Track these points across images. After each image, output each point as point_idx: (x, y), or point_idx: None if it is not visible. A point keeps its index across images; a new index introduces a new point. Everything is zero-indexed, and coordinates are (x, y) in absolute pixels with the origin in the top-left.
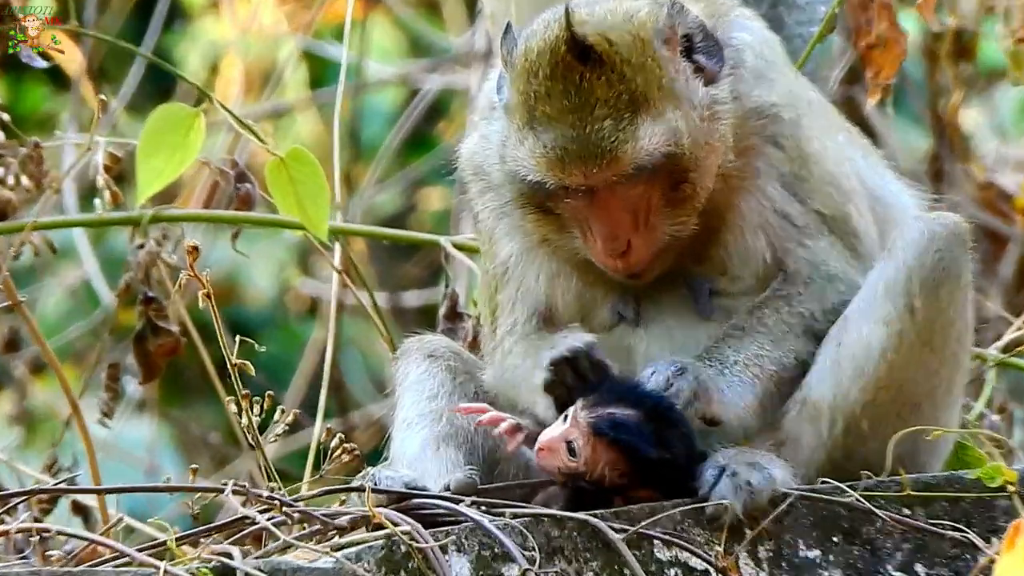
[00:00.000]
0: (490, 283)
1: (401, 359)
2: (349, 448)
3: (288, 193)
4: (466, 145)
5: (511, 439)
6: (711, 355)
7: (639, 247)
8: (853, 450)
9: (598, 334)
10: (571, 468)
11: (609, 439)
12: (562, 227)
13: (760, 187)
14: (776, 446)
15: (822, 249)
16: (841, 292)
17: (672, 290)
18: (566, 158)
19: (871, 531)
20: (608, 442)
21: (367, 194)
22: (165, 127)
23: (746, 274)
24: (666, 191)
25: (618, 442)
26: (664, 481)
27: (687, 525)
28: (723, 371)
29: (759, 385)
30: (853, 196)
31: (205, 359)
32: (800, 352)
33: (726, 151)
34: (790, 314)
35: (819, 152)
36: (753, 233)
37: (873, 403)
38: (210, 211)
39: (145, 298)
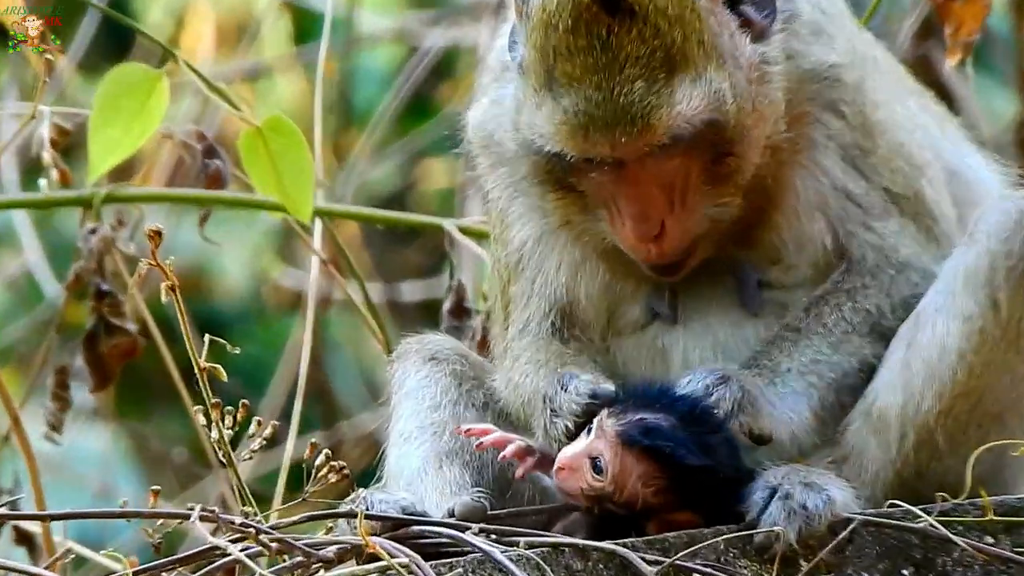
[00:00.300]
0: (502, 273)
1: (398, 362)
2: (337, 466)
3: (265, 169)
4: (474, 112)
5: (520, 463)
6: (760, 361)
7: (674, 231)
8: (926, 468)
9: (628, 335)
10: (597, 488)
11: (641, 447)
12: (586, 207)
13: (817, 161)
14: (836, 463)
15: (891, 232)
16: (913, 283)
17: (715, 281)
18: (590, 126)
19: (948, 562)
20: (640, 451)
21: (359, 169)
22: (122, 92)
23: (802, 263)
24: (707, 165)
25: (652, 450)
26: (706, 500)
27: (732, 556)
28: (774, 380)
29: (816, 395)
30: (927, 171)
31: (168, 362)
32: (865, 355)
33: (777, 119)
34: (853, 311)
35: (886, 120)
36: (809, 215)
37: (950, 413)
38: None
39: (98, 291)
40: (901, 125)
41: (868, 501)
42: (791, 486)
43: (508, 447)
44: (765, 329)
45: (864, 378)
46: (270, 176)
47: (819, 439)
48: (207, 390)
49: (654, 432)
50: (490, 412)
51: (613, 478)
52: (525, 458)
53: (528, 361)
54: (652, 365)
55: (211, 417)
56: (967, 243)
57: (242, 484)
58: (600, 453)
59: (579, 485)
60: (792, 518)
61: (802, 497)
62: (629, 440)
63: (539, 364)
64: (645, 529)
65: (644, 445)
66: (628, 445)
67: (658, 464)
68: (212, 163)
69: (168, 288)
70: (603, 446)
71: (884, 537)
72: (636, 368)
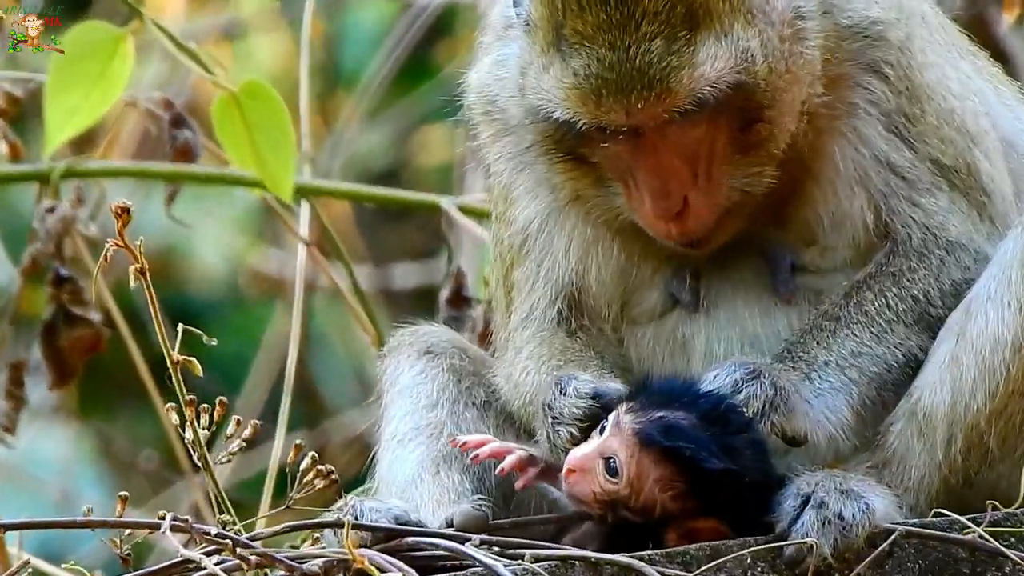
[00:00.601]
0: (504, 256)
1: (390, 356)
2: (324, 471)
3: (242, 139)
4: (474, 75)
5: (521, 475)
6: (794, 353)
7: (699, 207)
8: (976, 474)
9: (644, 324)
10: (611, 492)
11: (661, 448)
12: (599, 181)
13: (857, 129)
14: (876, 468)
15: (940, 208)
16: (964, 266)
17: (743, 264)
18: (603, 90)
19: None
20: (659, 453)
21: (347, 140)
22: (81, 53)
23: (840, 243)
24: (734, 133)
25: (672, 451)
26: (731, 507)
27: (760, 570)
28: (810, 375)
29: (857, 392)
30: (980, 140)
31: (136, 356)
32: (911, 347)
33: (813, 81)
34: (899, 297)
35: (935, 84)
36: (849, 189)
37: (1003, 414)
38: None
39: (57, 277)
40: (952, 90)
41: (911, 510)
42: (826, 493)
43: (507, 458)
44: (799, 318)
45: (910, 373)
46: (247, 148)
47: (859, 441)
48: (180, 386)
49: (675, 432)
50: (492, 411)
51: (629, 481)
52: (527, 468)
53: (529, 356)
54: (671, 359)
55: (185, 416)
56: (1023, 223)
57: (219, 490)
58: (615, 452)
59: (591, 489)
60: (827, 529)
61: (838, 506)
62: (647, 439)
63: (541, 360)
64: (663, 540)
65: (663, 446)
66: (646, 445)
67: (678, 467)
68: (181, 134)
69: (137, 272)
70: (618, 445)
71: (928, 550)
72: (653, 362)
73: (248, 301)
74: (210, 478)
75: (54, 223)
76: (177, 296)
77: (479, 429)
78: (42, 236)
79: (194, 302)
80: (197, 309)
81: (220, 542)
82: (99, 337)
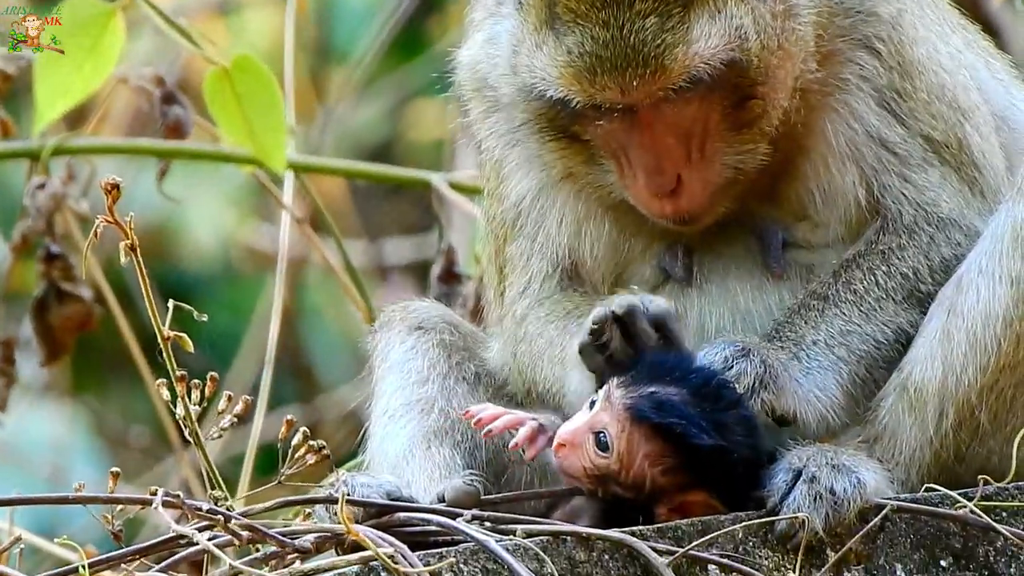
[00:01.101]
0: (497, 232)
1: (381, 332)
2: (316, 446)
3: (233, 115)
4: (466, 51)
5: (531, 446)
6: (783, 333)
7: (692, 184)
8: (967, 448)
9: None
10: (601, 467)
11: (651, 424)
12: (591, 158)
13: (849, 105)
14: (868, 443)
15: (932, 184)
16: (955, 243)
17: (735, 240)
18: (597, 67)
19: (990, 552)
20: (650, 429)
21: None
22: (72, 29)
23: (831, 219)
24: (728, 111)
25: (662, 428)
26: (721, 482)
27: (752, 545)
28: (798, 354)
29: (846, 371)
30: (972, 115)
31: (126, 332)
32: (901, 324)
33: (806, 58)
34: (888, 275)
35: (927, 59)
36: (840, 165)
37: (994, 388)
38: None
39: (47, 254)
40: (943, 64)
41: (902, 485)
42: (817, 468)
43: (520, 431)
44: (790, 294)
45: (900, 350)
46: (239, 122)
47: (849, 419)
48: (171, 362)
49: (666, 407)
50: (482, 386)
51: (619, 456)
52: (536, 439)
53: (535, 320)
54: None
55: (176, 392)
56: (1015, 197)
57: (211, 465)
58: (605, 427)
59: (581, 463)
60: (818, 503)
61: (829, 480)
62: (638, 415)
63: (549, 317)
64: (655, 515)
65: (654, 422)
66: (636, 420)
67: (668, 443)
68: (172, 110)
69: (127, 248)
70: (609, 419)
71: (920, 525)
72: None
73: (242, 277)
74: (201, 454)
75: (44, 200)
76: (170, 272)
77: (470, 404)
78: (32, 213)
79: (186, 278)
80: (189, 285)
81: (212, 518)
82: (90, 314)
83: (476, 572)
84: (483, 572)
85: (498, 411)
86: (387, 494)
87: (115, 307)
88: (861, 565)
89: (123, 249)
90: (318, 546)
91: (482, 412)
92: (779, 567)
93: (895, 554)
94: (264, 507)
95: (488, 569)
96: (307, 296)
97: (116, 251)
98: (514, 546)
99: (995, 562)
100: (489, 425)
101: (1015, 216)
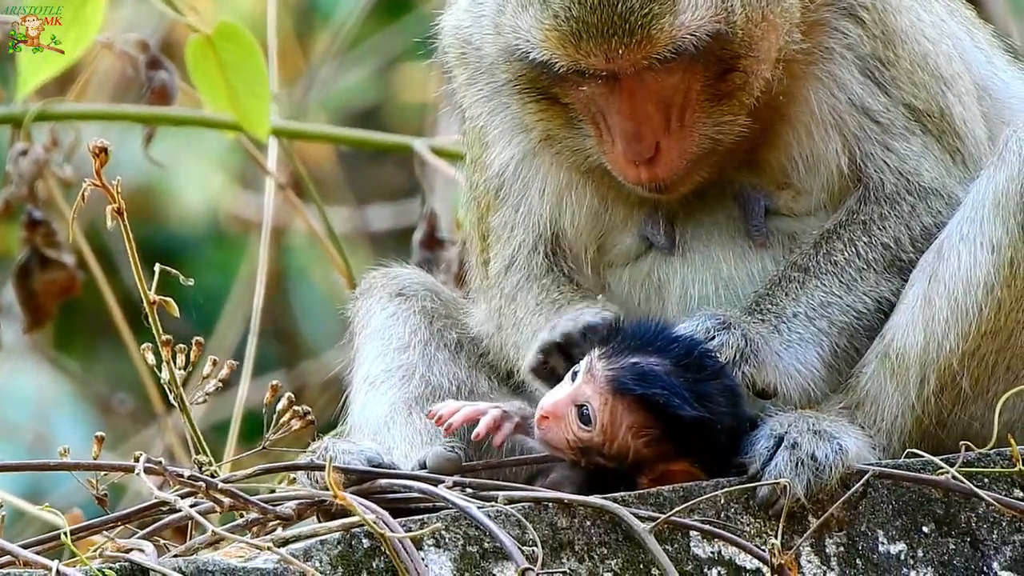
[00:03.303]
0: (480, 201)
1: (362, 299)
2: (300, 412)
3: (216, 82)
4: (450, 15)
5: (498, 433)
6: (763, 306)
7: (670, 153)
8: (949, 414)
9: (620, 267)
10: (584, 440)
11: (634, 396)
12: (571, 121)
13: (833, 74)
14: (849, 409)
15: (913, 153)
16: (936, 211)
17: (717, 208)
18: (583, 33)
19: (972, 518)
20: (632, 400)
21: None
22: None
23: (814, 187)
24: (710, 81)
25: (645, 399)
26: (704, 451)
27: (733, 512)
28: (778, 327)
29: (827, 343)
30: (954, 84)
31: (109, 297)
32: (882, 293)
33: (790, 29)
34: (869, 246)
35: (910, 26)
36: (823, 133)
37: (975, 354)
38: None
39: (30, 220)
40: (925, 33)
41: (884, 451)
42: (799, 434)
43: (481, 420)
44: (772, 261)
45: (881, 319)
46: (221, 90)
47: (831, 390)
48: (156, 326)
49: (648, 379)
50: (464, 353)
51: (602, 428)
52: (501, 425)
53: (524, 305)
54: (646, 301)
55: (161, 357)
56: (996, 164)
57: (195, 430)
58: (588, 400)
59: (564, 436)
60: (800, 470)
61: (811, 446)
62: (621, 387)
63: (539, 307)
64: (637, 483)
65: (636, 394)
66: (619, 392)
67: (651, 414)
68: (157, 75)
69: (114, 212)
70: (591, 392)
71: (902, 491)
72: (629, 305)
73: (228, 239)
74: (186, 418)
75: (27, 166)
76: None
77: (451, 371)
78: (15, 179)
79: (173, 243)
80: (176, 250)
81: (194, 484)
82: (73, 279)
83: (458, 539)
84: (465, 538)
85: (457, 405)
86: (368, 460)
87: (99, 272)
88: (843, 531)
89: (110, 213)
90: (300, 513)
91: (441, 409)
92: (760, 533)
93: (877, 520)
94: (245, 473)
95: (470, 536)
96: (292, 260)
97: (100, 216)
98: (496, 512)
99: (977, 528)
100: (449, 420)
101: (995, 182)
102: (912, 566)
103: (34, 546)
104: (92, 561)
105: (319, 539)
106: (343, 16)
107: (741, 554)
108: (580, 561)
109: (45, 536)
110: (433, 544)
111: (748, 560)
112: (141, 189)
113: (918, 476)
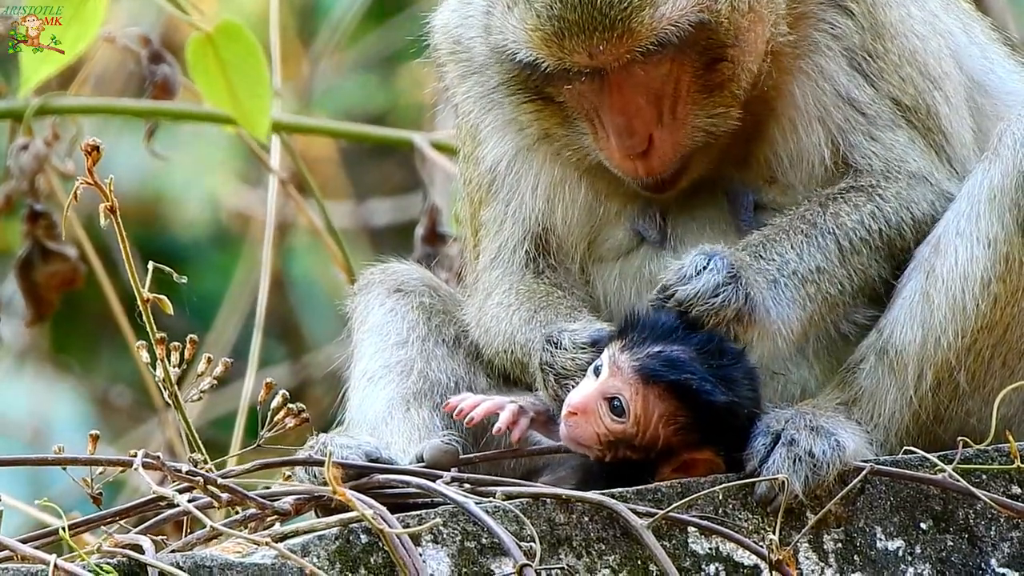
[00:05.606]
0: (473, 196)
1: (360, 295)
2: (295, 409)
3: (216, 79)
4: (441, 15)
5: (515, 428)
6: (769, 252)
7: (664, 145)
8: (946, 410)
9: (610, 261)
10: (616, 432)
11: (666, 383)
12: (566, 120)
13: (820, 65)
14: (846, 405)
15: (899, 144)
16: (930, 201)
17: (708, 202)
18: (565, 31)
19: (970, 515)
20: (664, 388)
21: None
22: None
23: (799, 180)
24: (698, 73)
25: (677, 385)
26: (729, 437)
27: (731, 508)
28: (777, 280)
29: (809, 309)
30: (943, 83)
31: (110, 293)
32: (871, 274)
33: (777, 19)
34: (872, 216)
35: (900, 21)
36: (808, 126)
37: (972, 349)
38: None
39: (31, 213)
40: (915, 29)
41: (882, 447)
42: (796, 431)
43: (501, 416)
44: None
45: (863, 301)
46: (222, 89)
47: (794, 356)
48: (151, 324)
49: (677, 365)
50: (462, 349)
51: (635, 419)
52: (519, 421)
53: (499, 304)
54: (637, 295)
55: (156, 354)
56: (991, 158)
57: (190, 427)
58: (619, 392)
59: (595, 430)
60: (797, 466)
61: (808, 443)
62: (652, 374)
63: (511, 308)
64: (658, 474)
65: (668, 380)
66: (650, 381)
67: (682, 401)
68: (160, 69)
69: (107, 210)
70: (621, 383)
71: (899, 487)
72: (620, 299)
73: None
74: (181, 416)
75: (28, 161)
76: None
77: (449, 367)
78: (16, 174)
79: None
80: (176, 247)
81: (192, 480)
82: (75, 271)
83: (456, 534)
84: (462, 534)
85: (478, 399)
86: (366, 455)
87: (99, 268)
88: (841, 527)
89: (103, 211)
90: (298, 508)
91: (462, 402)
92: (758, 529)
93: (875, 516)
94: (243, 469)
95: (468, 531)
96: (294, 255)
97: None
98: (494, 508)
99: (975, 525)
100: (470, 413)
101: (991, 177)
102: (910, 562)
103: (31, 541)
104: (90, 556)
105: (317, 534)
106: (340, 13)
107: (739, 550)
108: (578, 557)
109: (43, 531)
110: (431, 539)
111: (746, 556)
112: (145, 194)
113: (916, 474)
